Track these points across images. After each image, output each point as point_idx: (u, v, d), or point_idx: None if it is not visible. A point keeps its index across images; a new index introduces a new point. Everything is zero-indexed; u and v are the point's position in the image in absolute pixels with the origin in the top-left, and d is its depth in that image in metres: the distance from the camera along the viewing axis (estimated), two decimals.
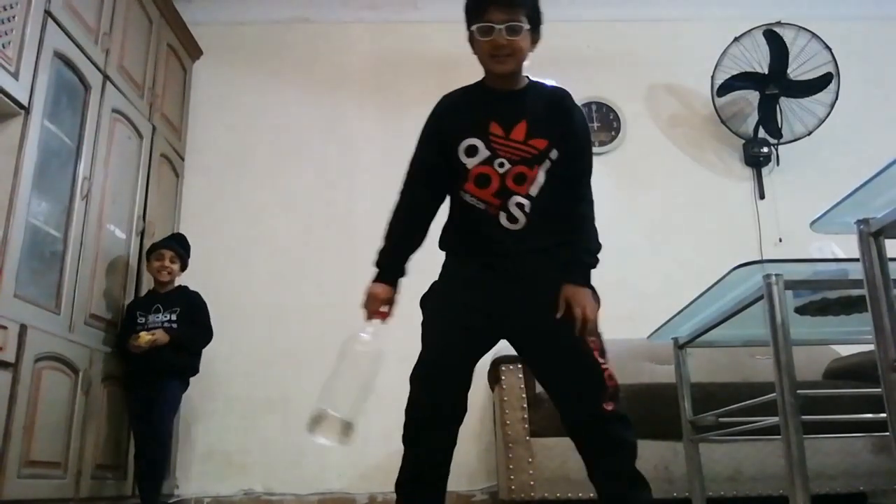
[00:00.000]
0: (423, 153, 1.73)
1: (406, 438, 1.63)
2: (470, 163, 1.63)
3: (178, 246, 3.21)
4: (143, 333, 2.88)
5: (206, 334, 3.12)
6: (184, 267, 3.22)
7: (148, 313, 3.03)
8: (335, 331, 1.63)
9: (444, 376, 1.60)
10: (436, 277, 1.71)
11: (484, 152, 1.62)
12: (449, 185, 1.69)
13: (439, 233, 1.72)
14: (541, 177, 1.61)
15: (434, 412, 1.59)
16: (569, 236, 1.62)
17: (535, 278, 1.58)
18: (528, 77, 1.71)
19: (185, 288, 3.21)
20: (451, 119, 1.69)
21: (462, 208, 1.66)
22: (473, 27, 1.60)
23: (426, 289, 1.70)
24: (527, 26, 1.59)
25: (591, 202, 1.66)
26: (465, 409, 1.62)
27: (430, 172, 1.70)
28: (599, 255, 1.61)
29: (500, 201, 1.61)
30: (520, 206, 1.61)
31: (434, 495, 1.63)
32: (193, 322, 3.07)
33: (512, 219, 1.61)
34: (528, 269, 1.59)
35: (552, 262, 1.59)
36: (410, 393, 1.63)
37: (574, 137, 1.64)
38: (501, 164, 1.61)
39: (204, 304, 3.17)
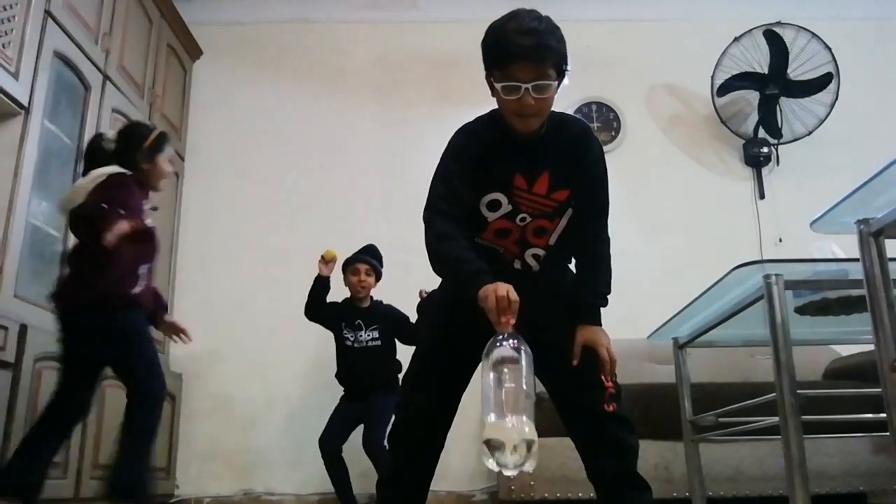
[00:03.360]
0: (460, 191, 1.53)
1: (395, 438, 1.62)
2: (491, 216, 1.58)
3: (372, 257, 3.19)
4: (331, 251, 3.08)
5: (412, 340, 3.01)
6: (378, 278, 3.19)
7: (352, 328, 3.11)
8: None
9: (440, 380, 1.59)
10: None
11: (506, 207, 1.56)
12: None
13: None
14: (562, 226, 1.59)
15: (427, 414, 1.59)
16: (581, 275, 1.62)
17: (537, 296, 1.53)
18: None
19: (380, 303, 3.20)
20: (476, 166, 1.56)
21: (475, 244, 1.58)
22: (498, 85, 1.46)
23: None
24: (555, 82, 1.47)
25: (607, 241, 1.64)
26: (455, 412, 1.62)
27: (465, 208, 1.55)
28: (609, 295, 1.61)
29: (517, 250, 1.60)
30: (536, 256, 1.60)
31: (417, 496, 1.61)
32: (401, 334, 3.10)
33: (525, 266, 1.61)
34: (531, 293, 1.55)
35: (558, 287, 1.59)
36: (404, 394, 1.63)
37: (590, 175, 1.59)
38: (523, 219, 1.57)
39: (402, 315, 3.14)
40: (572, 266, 1.69)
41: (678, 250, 3.74)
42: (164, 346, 3.54)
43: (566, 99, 4.09)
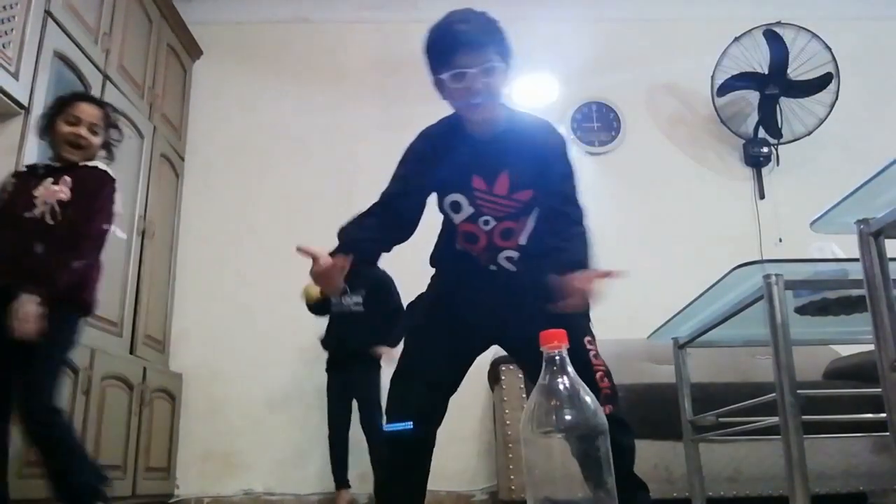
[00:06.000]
0: (405, 189, 1.59)
1: (386, 443, 1.61)
2: (457, 219, 1.59)
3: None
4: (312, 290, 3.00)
5: (396, 318, 3.05)
6: None
7: (344, 293, 3.11)
8: None
9: (429, 379, 1.58)
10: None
11: (468, 209, 1.56)
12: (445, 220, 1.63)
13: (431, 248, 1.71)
14: (530, 225, 1.57)
15: (417, 413, 1.57)
16: (556, 250, 1.57)
17: (512, 298, 1.56)
18: (505, 108, 1.59)
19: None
20: (434, 167, 1.58)
21: (454, 246, 1.63)
22: (444, 75, 1.49)
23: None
24: (501, 64, 1.49)
25: (580, 221, 1.55)
26: (444, 412, 1.60)
27: (407, 204, 1.59)
28: (591, 260, 1.54)
29: (488, 255, 1.59)
30: (510, 259, 1.60)
31: (415, 497, 1.60)
32: (380, 303, 3.11)
33: (500, 269, 1.60)
34: (517, 290, 1.57)
35: (539, 288, 1.52)
36: (393, 393, 1.61)
37: (553, 171, 1.55)
38: (486, 222, 1.56)
39: (389, 282, 3.12)
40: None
41: (678, 250, 3.74)
42: (165, 345, 3.54)
43: (567, 99, 4.10)
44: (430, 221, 1.67)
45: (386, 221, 1.57)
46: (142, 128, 3.36)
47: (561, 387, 0.97)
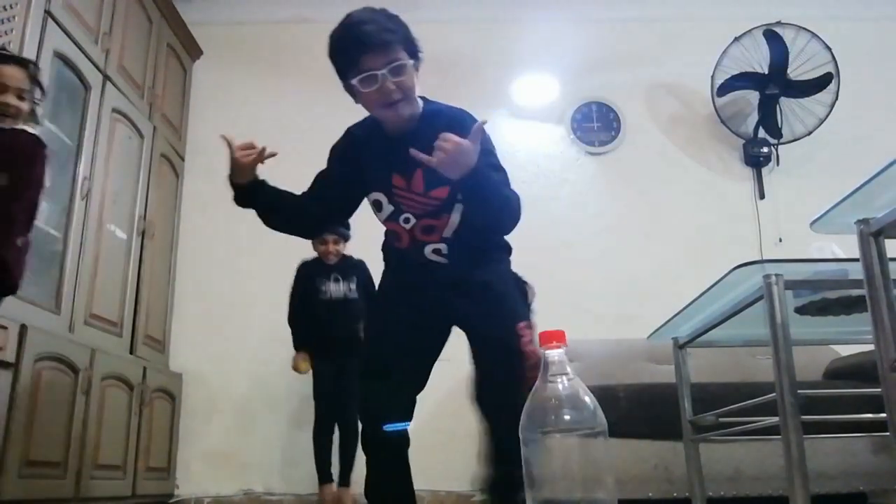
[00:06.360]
0: (325, 186, 1.66)
1: (364, 441, 1.59)
2: (380, 217, 1.60)
3: (339, 226, 3.20)
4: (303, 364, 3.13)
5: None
6: (347, 240, 3.25)
7: (328, 281, 3.16)
8: None
9: (398, 374, 1.57)
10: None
11: (388, 207, 1.56)
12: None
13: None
14: (455, 219, 1.55)
15: (389, 411, 1.56)
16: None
17: (446, 286, 1.57)
18: (423, 101, 1.57)
19: (351, 257, 3.26)
20: (357, 165, 1.59)
21: (392, 242, 1.65)
22: (353, 80, 1.46)
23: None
24: (410, 61, 1.47)
25: (505, 196, 1.50)
26: (414, 405, 1.60)
27: (326, 197, 1.65)
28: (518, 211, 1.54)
29: (415, 251, 1.59)
30: (437, 251, 1.58)
31: (405, 493, 1.60)
32: (367, 290, 3.13)
33: (430, 262, 1.60)
34: (450, 280, 1.58)
35: (474, 276, 1.56)
36: (370, 394, 1.59)
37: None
38: (407, 220, 1.55)
39: (371, 276, 3.16)
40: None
41: (678, 250, 3.74)
42: (165, 345, 3.54)
43: (566, 99, 4.10)
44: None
45: (304, 208, 1.67)
46: (142, 128, 3.36)
47: (560, 387, 0.97)
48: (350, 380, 3.11)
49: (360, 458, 1.58)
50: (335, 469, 3.13)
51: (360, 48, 1.43)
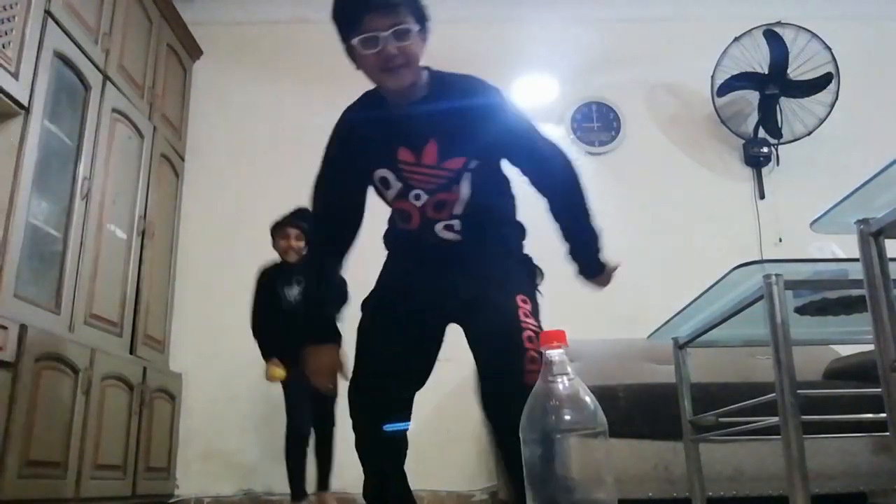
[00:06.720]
0: (334, 190, 1.55)
1: (362, 443, 1.53)
2: (388, 196, 1.51)
3: (303, 221, 3.09)
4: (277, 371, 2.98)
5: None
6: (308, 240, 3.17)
7: (290, 287, 3.06)
8: None
9: (395, 376, 1.51)
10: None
11: (396, 185, 1.48)
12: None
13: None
14: (465, 192, 1.48)
15: (388, 411, 1.50)
16: (565, 230, 1.57)
17: (459, 268, 1.49)
18: (428, 72, 1.50)
19: None
20: (357, 145, 1.51)
21: (397, 226, 1.58)
22: (354, 40, 1.37)
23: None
24: (416, 27, 1.39)
25: (581, 188, 1.53)
26: (412, 403, 1.54)
27: (345, 210, 1.55)
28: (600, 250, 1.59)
29: (426, 230, 1.51)
30: (450, 227, 1.51)
31: (406, 494, 1.56)
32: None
33: (443, 241, 1.51)
34: (463, 258, 1.52)
35: (491, 255, 1.50)
36: (359, 396, 1.53)
37: (512, 135, 1.47)
38: (417, 197, 1.47)
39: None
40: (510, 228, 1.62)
41: (678, 250, 3.74)
42: (165, 345, 3.54)
43: (566, 99, 4.10)
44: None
45: (334, 258, 1.59)
46: (142, 128, 3.36)
47: (561, 387, 0.96)
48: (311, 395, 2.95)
49: (356, 464, 1.55)
50: (311, 476, 3.05)
51: (364, 7, 1.35)
